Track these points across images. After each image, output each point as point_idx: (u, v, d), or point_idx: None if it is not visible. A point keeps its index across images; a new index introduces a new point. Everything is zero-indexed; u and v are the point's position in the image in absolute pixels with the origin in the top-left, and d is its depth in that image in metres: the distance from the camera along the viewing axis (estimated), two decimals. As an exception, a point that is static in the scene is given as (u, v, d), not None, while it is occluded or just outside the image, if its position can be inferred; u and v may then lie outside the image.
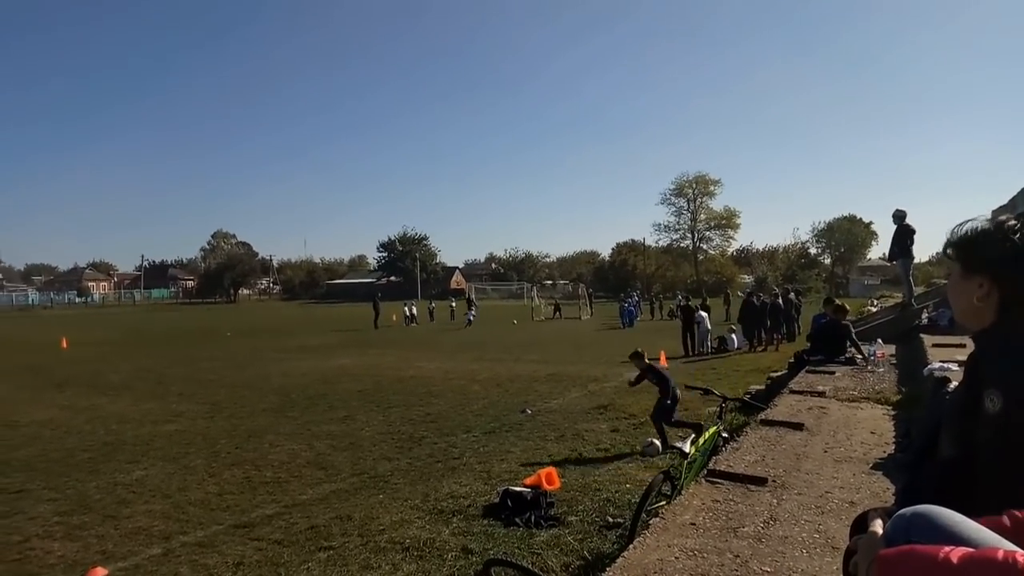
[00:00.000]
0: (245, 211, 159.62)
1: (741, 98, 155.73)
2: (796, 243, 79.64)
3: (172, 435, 9.39)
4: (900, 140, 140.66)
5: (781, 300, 20.23)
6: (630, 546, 3.01)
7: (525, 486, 5.90)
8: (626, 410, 9.82)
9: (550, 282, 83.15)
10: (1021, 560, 0.80)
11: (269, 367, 17.09)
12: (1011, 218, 1.24)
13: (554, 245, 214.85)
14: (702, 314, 19.16)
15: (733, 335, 19.63)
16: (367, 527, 5.52)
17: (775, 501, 3.39)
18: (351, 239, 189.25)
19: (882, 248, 60.06)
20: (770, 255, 78.88)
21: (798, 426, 4.86)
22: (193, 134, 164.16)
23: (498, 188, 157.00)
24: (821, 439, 4.57)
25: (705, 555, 2.77)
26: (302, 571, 4.75)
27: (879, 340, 8.79)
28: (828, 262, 79.07)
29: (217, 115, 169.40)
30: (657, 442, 7.48)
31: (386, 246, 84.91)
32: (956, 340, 6.66)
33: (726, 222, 72.97)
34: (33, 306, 69.40)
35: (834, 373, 7.28)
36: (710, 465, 4.07)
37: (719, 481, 3.72)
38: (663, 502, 4.44)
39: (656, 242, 76.49)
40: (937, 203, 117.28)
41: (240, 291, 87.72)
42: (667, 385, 7.82)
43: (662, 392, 7.83)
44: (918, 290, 14.11)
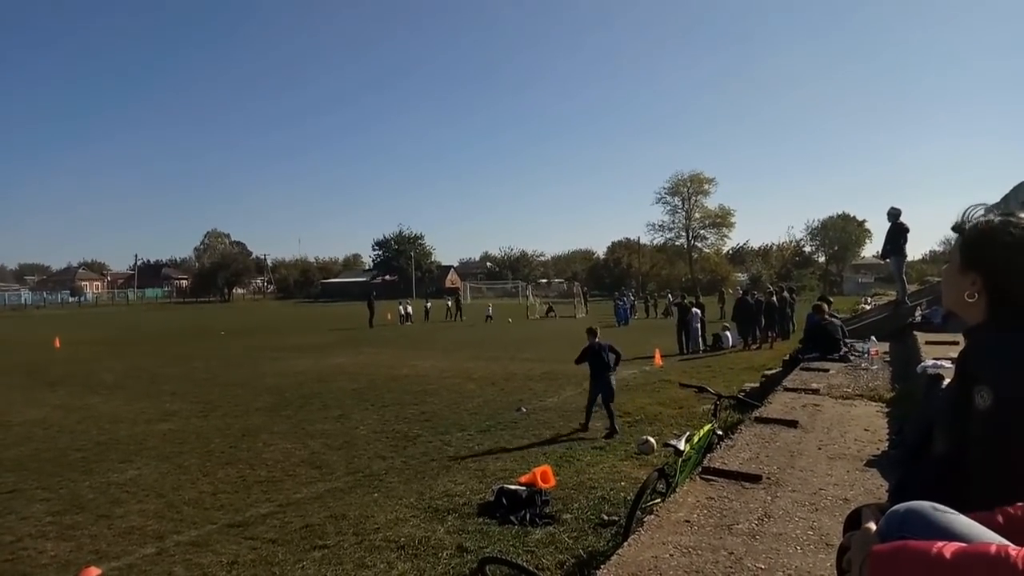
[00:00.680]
0: (239, 211, 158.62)
1: (736, 96, 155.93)
2: (791, 241, 79.94)
3: (166, 434, 9.35)
4: (894, 138, 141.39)
5: (775, 298, 20.31)
6: (625, 544, 3.01)
7: (520, 484, 5.91)
8: (620, 408, 9.83)
9: (545, 280, 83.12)
10: (1013, 554, 0.81)
11: (263, 366, 17.03)
12: (1013, 217, 1.23)
13: (549, 244, 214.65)
14: (695, 311, 19.25)
15: (728, 333, 19.75)
16: (362, 526, 5.51)
17: (769, 498, 3.40)
18: (346, 238, 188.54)
19: (876, 246, 60.37)
20: (764, 253, 79.09)
21: (792, 423, 4.87)
22: (187, 134, 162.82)
23: (493, 187, 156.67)
24: (815, 436, 4.58)
25: (699, 552, 2.77)
26: (297, 570, 4.74)
27: (872, 338, 8.82)
28: (822, 260, 79.35)
29: (211, 115, 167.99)
30: (652, 440, 7.50)
31: (381, 244, 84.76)
32: (949, 338, 6.69)
33: (721, 221, 73.03)
34: (26, 306, 68.71)
35: (828, 371, 7.31)
36: (704, 462, 4.08)
37: (713, 478, 3.72)
38: (658, 500, 4.46)
39: (651, 241, 76.69)
40: (931, 201, 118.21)
41: (234, 290, 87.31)
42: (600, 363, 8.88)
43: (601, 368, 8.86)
44: (911, 288, 14.19)
